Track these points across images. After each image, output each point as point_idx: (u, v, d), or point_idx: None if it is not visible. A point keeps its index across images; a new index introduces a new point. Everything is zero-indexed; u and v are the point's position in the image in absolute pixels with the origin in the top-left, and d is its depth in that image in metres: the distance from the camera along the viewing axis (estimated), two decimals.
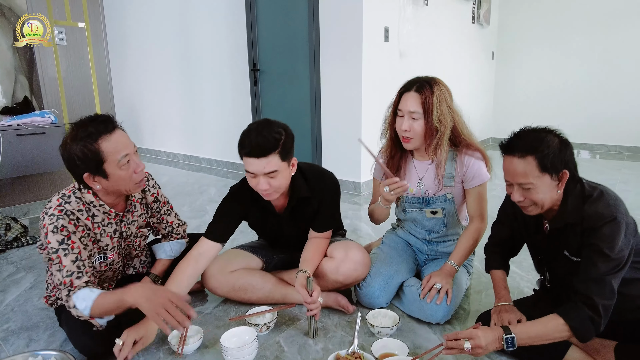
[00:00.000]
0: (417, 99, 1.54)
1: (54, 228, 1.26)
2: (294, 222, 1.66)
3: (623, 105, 5.22)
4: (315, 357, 1.39)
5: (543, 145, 1.13)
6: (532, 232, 1.36)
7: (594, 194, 1.16)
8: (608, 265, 1.09)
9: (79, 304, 1.23)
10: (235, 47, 4.17)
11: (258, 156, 1.36)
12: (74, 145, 1.26)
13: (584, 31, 5.38)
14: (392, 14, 3.53)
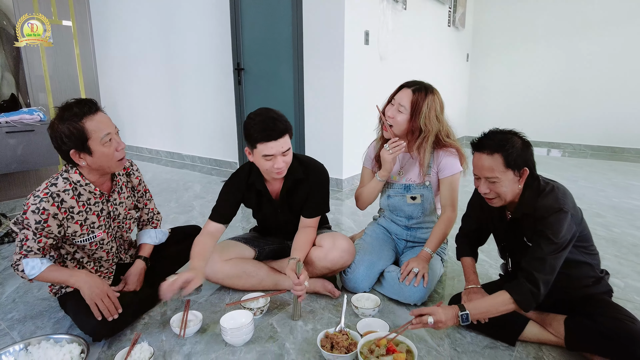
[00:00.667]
0: (410, 97, 1.74)
1: (36, 209, 1.38)
2: (287, 207, 1.82)
3: (587, 107, 5.57)
4: (306, 337, 1.54)
5: (508, 145, 1.31)
6: (496, 222, 1.54)
7: (547, 188, 1.35)
8: (550, 247, 1.28)
9: (28, 270, 1.40)
10: (220, 47, 4.26)
11: (277, 138, 1.56)
12: (61, 125, 1.39)
13: (552, 37, 5.70)
14: (372, 18, 3.69)
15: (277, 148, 1.57)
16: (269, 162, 1.60)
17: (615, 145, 5.46)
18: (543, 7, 5.69)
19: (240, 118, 4.31)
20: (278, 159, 1.60)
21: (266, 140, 1.55)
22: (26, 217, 1.40)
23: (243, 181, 1.78)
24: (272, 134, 1.55)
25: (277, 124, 1.56)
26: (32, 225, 1.40)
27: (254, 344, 1.49)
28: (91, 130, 1.40)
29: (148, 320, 1.65)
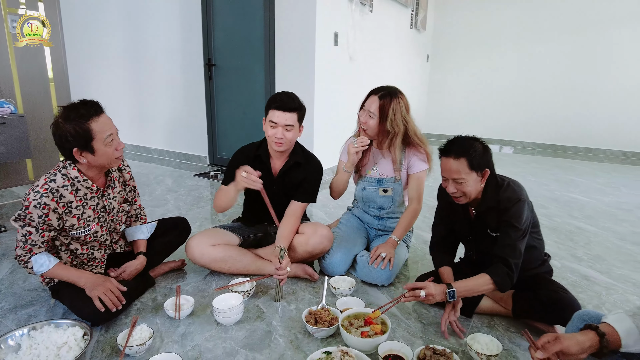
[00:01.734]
0: (377, 103, 1.94)
1: (37, 204, 1.46)
2: (282, 185, 2.00)
3: (536, 107, 6.07)
4: (290, 315, 1.70)
5: (472, 150, 1.51)
6: (461, 219, 1.75)
7: (504, 184, 1.58)
8: (517, 234, 1.50)
9: (37, 267, 1.51)
10: (190, 42, 4.28)
11: (284, 110, 1.83)
12: (67, 124, 1.47)
13: (507, 41, 6.14)
14: (341, 20, 3.87)
15: (282, 118, 1.83)
16: (272, 130, 1.86)
17: (559, 144, 6.00)
18: (499, 12, 6.11)
19: (211, 113, 4.37)
20: (279, 129, 1.84)
21: (275, 108, 1.83)
22: (29, 212, 1.47)
23: (252, 152, 2.01)
24: (282, 105, 1.83)
25: (290, 100, 1.86)
26: (35, 219, 1.47)
27: (243, 323, 1.63)
28: (96, 131, 1.50)
29: (140, 306, 1.75)
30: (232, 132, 4.31)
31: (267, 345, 1.50)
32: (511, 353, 1.50)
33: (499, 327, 1.66)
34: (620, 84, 5.46)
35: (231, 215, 2.74)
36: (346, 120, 4.21)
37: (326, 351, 1.38)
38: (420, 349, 1.41)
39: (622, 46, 5.37)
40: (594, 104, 5.66)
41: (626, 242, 2.59)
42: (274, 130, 1.86)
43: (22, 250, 1.51)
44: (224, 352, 1.46)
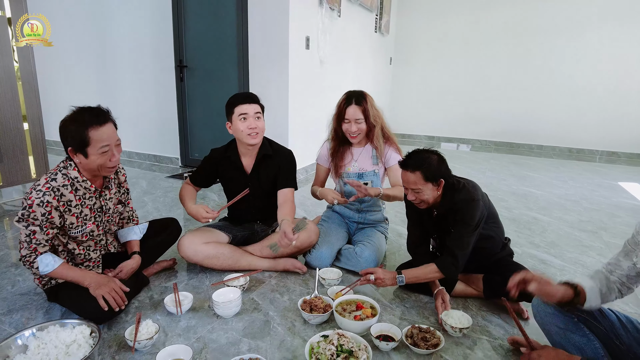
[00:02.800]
0: (359, 110, 2.11)
1: (40, 202, 1.52)
2: (257, 181, 2.11)
3: (491, 107, 6.48)
4: (285, 306, 1.82)
5: (426, 164, 1.66)
6: (426, 220, 1.91)
7: (460, 186, 1.75)
8: (467, 229, 1.68)
9: (42, 267, 1.56)
10: (160, 43, 4.27)
11: (250, 102, 2.00)
12: (70, 125, 1.55)
13: (464, 44, 6.51)
14: (312, 24, 4.00)
15: (251, 109, 1.98)
16: (244, 122, 1.98)
17: (513, 141, 6.45)
18: (457, 17, 6.47)
19: (182, 115, 4.37)
20: (251, 119, 1.98)
21: (242, 102, 1.99)
22: (32, 211, 1.52)
23: (221, 154, 2.14)
24: (247, 99, 2.01)
25: (251, 95, 2.05)
26: (39, 218, 1.52)
27: (241, 315, 1.74)
28: (93, 139, 1.56)
29: (138, 304, 1.81)
30: (205, 133, 4.34)
31: (267, 334, 1.62)
32: (485, 328, 1.70)
33: (473, 307, 1.86)
34: (564, 85, 5.95)
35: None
36: (318, 122, 4.36)
37: (323, 335, 1.51)
38: (407, 328, 1.58)
39: (564, 50, 5.86)
40: (542, 104, 6.14)
41: (574, 229, 2.91)
42: (246, 122, 1.99)
43: (27, 251, 1.55)
44: (227, 342, 1.56)
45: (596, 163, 5.54)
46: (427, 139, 7.10)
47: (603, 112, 5.82)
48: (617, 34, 5.55)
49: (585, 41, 5.72)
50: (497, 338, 1.64)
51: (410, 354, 1.52)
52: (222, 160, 2.13)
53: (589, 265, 2.34)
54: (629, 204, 3.60)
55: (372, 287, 2.02)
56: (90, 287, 1.60)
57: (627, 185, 4.26)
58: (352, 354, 1.42)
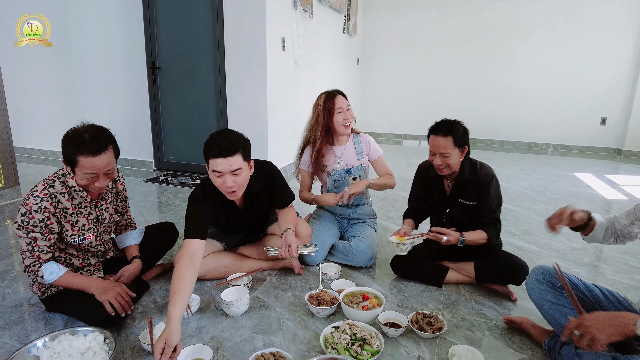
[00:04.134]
0: (345, 99, 2.31)
1: (38, 208, 1.51)
2: (253, 214, 2.04)
3: (455, 104, 6.78)
4: (290, 301, 1.87)
5: (456, 130, 1.84)
6: (437, 191, 2.06)
7: (477, 163, 1.95)
8: (495, 203, 1.91)
9: (47, 275, 1.55)
10: (131, 44, 4.16)
11: (225, 156, 1.60)
12: (66, 141, 1.52)
13: (427, 45, 6.77)
14: (286, 25, 4.05)
15: (224, 165, 1.61)
16: (219, 179, 1.65)
17: (477, 137, 6.78)
18: (420, 19, 6.72)
19: (156, 117, 4.28)
20: (227, 177, 1.63)
21: (214, 156, 1.61)
22: (32, 217, 1.49)
23: (213, 195, 1.79)
24: (221, 152, 1.60)
25: (229, 143, 1.61)
26: (38, 224, 1.50)
27: (250, 313, 1.77)
28: (81, 164, 1.50)
29: (143, 309, 1.80)
30: (180, 136, 4.27)
31: (279, 329, 1.66)
32: (479, 311, 1.83)
33: (465, 293, 1.99)
34: (521, 84, 6.34)
35: None
36: (296, 122, 4.42)
37: (335, 326, 1.59)
38: (412, 314, 1.68)
39: (520, 52, 6.25)
40: (501, 101, 6.50)
41: (543, 217, 3.15)
42: (221, 180, 1.65)
43: (30, 260, 1.53)
44: (241, 340, 1.59)
45: (550, 156, 5.96)
46: (394, 137, 7.32)
47: (556, 109, 6.25)
48: (566, 38, 5.98)
49: (539, 44, 6.12)
50: (491, 319, 1.77)
51: (417, 338, 1.62)
52: (215, 202, 1.82)
53: (561, 249, 2.55)
54: (586, 193, 3.92)
55: (367, 278, 2.12)
56: (96, 293, 1.59)
57: (581, 176, 4.63)
58: (365, 341, 1.50)
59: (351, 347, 1.47)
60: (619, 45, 5.79)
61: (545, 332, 1.58)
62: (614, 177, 4.58)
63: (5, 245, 2.51)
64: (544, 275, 1.56)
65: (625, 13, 5.68)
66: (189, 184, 3.89)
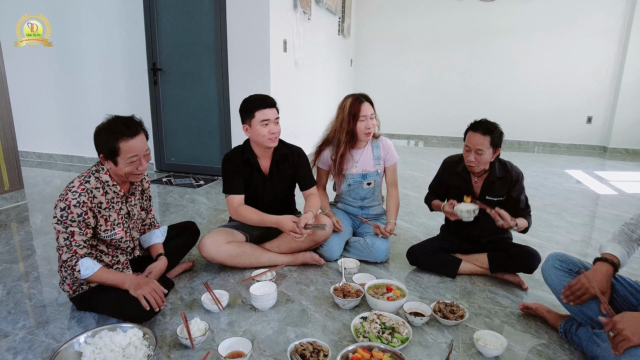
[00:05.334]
0: (371, 106, 2.35)
1: (77, 202, 1.57)
2: (276, 179, 2.22)
3: (447, 104, 6.94)
4: (315, 295, 1.94)
5: (495, 131, 1.94)
6: (465, 187, 2.13)
7: (506, 162, 2.07)
8: (525, 197, 2.04)
9: (83, 270, 1.59)
10: (131, 45, 4.15)
11: (271, 106, 2.06)
12: (102, 134, 1.60)
13: (418, 46, 6.91)
14: (288, 27, 4.11)
15: (271, 114, 2.04)
16: (266, 128, 2.04)
17: None
18: (412, 21, 6.85)
19: (157, 119, 4.29)
20: (272, 125, 2.04)
21: (263, 107, 2.03)
22: (71, 212, 1.55)
23: (239, 157, 2.17)
24: (268, 103, 2.05)
25: (270, 98, 2.09)
26: (76, 219, 1.56)
27: (277, 307, 1.83)
28: (123, 150, 1.59)
29: (172, 306, 1.84)
30: (181, 137, 4.28)
31: (308, 321, 1.73)
32: (494, 300, 1.93)
33: (479, 283, 2.09)
34: (511, 84, 6.53)
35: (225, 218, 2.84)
36: (297, 124, 4.48)
37: (362, 316, 1.66)
38: (434, 304, 1.77)
39: (511, 53, 6.44)
40: (491, 101, 6.67)
41: (542, 212, 3.29)
42: (267, 127, 2.05)
43: (68, 254, 1.57)
44: (274, 332, 1.65)
45: (539, 154, 6.15)
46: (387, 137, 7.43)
47: (544, 108, 6.45)
48: (554, 39, 6.19)
49: (528, 45, 6.32)
50: (507, 307, 1.87)
51: (440, 326, 1.70)
52: (241, 162, 2.17)
53: (562, 242, 2.68)
54: (578, 188, 4.09)
55: (383, 271, 2.20)
56: (130, 289, 1.62)
57: (572, 173, 4.81)
58: (394, 329, 1.58)
59: (382, 335, 1.54)
60: (603, 46, 6.02)
61: (560, 317, 1.69)
62: (602, 173, 4.78)
63: (22, 246, 2.51)
64: (561, 262, 1.66)
65: (609, 14, 5.92)
66: (193, 185, 3.91)
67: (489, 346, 1.51)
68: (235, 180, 2.15)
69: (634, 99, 5.90)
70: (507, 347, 1.52)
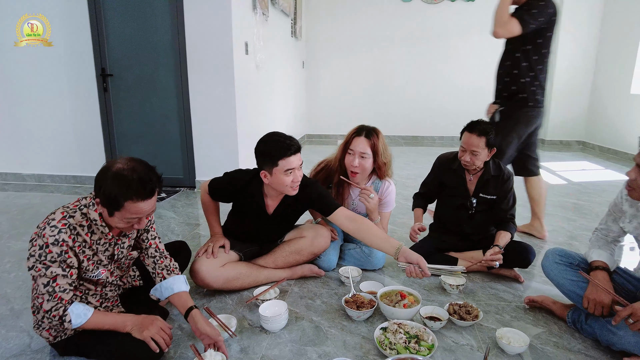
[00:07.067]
0: (367, 143, 2.09)
1: (55, 240, 1.31)
2: (279, 221, 2.03)
3: (397, 104, 7.13)
4: (323, 309, 1.86)
5: (490, 132, 1.98)
6: (459, 185, 2.17)
7: (499, 161, 2.13)
8: (514, 198, 2.10)
9: (74, 319, 1.35)
10: (75, 48, 3.75)
11: (296, 153, 1.78)
12: (111, 182, 1.30)
13: (367, 47, 7.02)
14: (248, 29, 3.96)
15: (297, 161, 1.77)
16: (289, 177, 1.77)
17: (418, 135, 7.20)
18: (360, 23, 6.94)
19: (108, 127, 3.94)
20: (296, 173, 1.79)
21: (288, 155, 1.74)
22: (49, 250, 1.30)
23: (241, 188, 1.95)
24: (292, 149, 1.76)
25: (294, 142, 1.79)
26: (57, 258, 1.32)
27: (288, 326, 1.72)
28: (127, 209, 1.33)
29: (175, 337, 1.66)
30: (138, 148, 3.96)
31: (325, 338, 1.65)
32: (497, 296, 1.98)
33: (477, 281, 2.13)
34: (453, 82, 6.87)
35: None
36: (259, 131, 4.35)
37: (382, 327, 1.61)
38: (447, 305, 1.77)
39: (455, 52, 6.76)
40: (439, 100, 6.97)
41: None
42: (290, 177, 1.78)
43: (52, 302, 1.32)
44: (293, 355, 1.55)
45: None
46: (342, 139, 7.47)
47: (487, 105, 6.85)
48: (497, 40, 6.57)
49: (472, 45, 6.67)
50: (511, 302, 1.93)
51: (457, 328, 1.70)
52: (243, 193, 1.94)
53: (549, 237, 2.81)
54: None
55: (382, 277, 2.17)
56: (133, 332, 1.43)
57: None
58: (419, 337, 1.55)
59: (409, 345, 1.50)
60: None
61: (565, 307, 1.76)
62: (547, 165, 5.15)
63: None
64: (561, 257, 1.73)
65: None
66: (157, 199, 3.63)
67: (513, 343, 1.53)
68: (221, 193, 2.01)
69: (564, 95, 6.45)
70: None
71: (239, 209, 2.05)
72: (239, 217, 2.08)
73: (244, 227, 2.08)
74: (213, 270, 1.90)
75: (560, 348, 1.58)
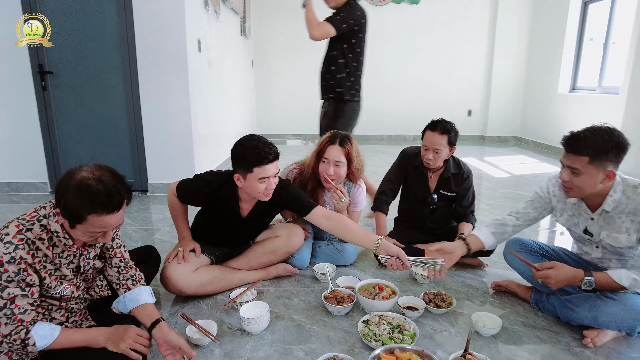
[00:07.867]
0: (342, 152, 2.08)
1: (11, 258, 1.18)
2: (253, 224, 1.99)
3: None
4: (302, 307, 1.85)
5: (452, 131, 2.06)
6: (421, 181, 2.25)
7: (459, 159, 2.22)
8: (473, 194, 2.20)
9: (39, 341, 1.23)
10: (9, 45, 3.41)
11: (273, 160, 1.71)
12: (73, 191, 1.18)
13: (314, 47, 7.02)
14: (201, 26, 3.84)
15: (273, 170, 1.71)
16: (263, 185, 1.71)
17: (369, 134, 7.37)
18: None
19: (48, 129, 3.63)
20: (271, 181, 1.73)
21: (265, 164, 1.68)
22: (5, 269, 1.16)
23: (213, 191, 1.85)
24: (271, 157, 1.69)
25: (273, 149, 1.72)
26: (14, 278, 1.18)
27: (269, 327, 1.69)
28: (90, 223, 1.22)
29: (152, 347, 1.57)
30: (83, 151, 3.68)
31: (309, 335, 1.65)
32: (464, 283, 2.09)
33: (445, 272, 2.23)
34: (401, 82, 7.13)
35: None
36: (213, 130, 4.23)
37: (364, 320, 1.65)
38: (422, 295, 1.84)
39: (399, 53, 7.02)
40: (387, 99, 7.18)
41: None
42: (264, 185, 1.72)
43: (10, 326, 1.18)
44: (280, 355, 1.53)
45: None
46: (294, 138, 7.48)
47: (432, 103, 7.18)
48: (437, 41, 6.92)
49: (418, 46, 6.96)
50: (478, 287, 2.04)
51: (433, 315, 1.78)
52: (214, 198, 1.86)
53: None
54: (478, 174, 4.66)
55: (355, 271, 2.21)
56: (108, 345, 1.33)
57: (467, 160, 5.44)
58: (401, 327, 1.60)
59: (393, 335, 1.54)
60: (475, 48, 6.95)
61: (528, 289, 1.90)
62: (490, 159, 5.52)
63: None
64: (521, 246, 1.88)
65: (479, 20, 6.84)
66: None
67: (488, 326, 1.63)
68: (190, 196, 1.92)
69: (501, 94, 6.95)
70: None
71: (211, 211, 1.98)
72: (210, 220, 2.01)
73: (216, 230, 2.02)
74: (185, 275, 1.82)
75: (527, 327, 1.71)
